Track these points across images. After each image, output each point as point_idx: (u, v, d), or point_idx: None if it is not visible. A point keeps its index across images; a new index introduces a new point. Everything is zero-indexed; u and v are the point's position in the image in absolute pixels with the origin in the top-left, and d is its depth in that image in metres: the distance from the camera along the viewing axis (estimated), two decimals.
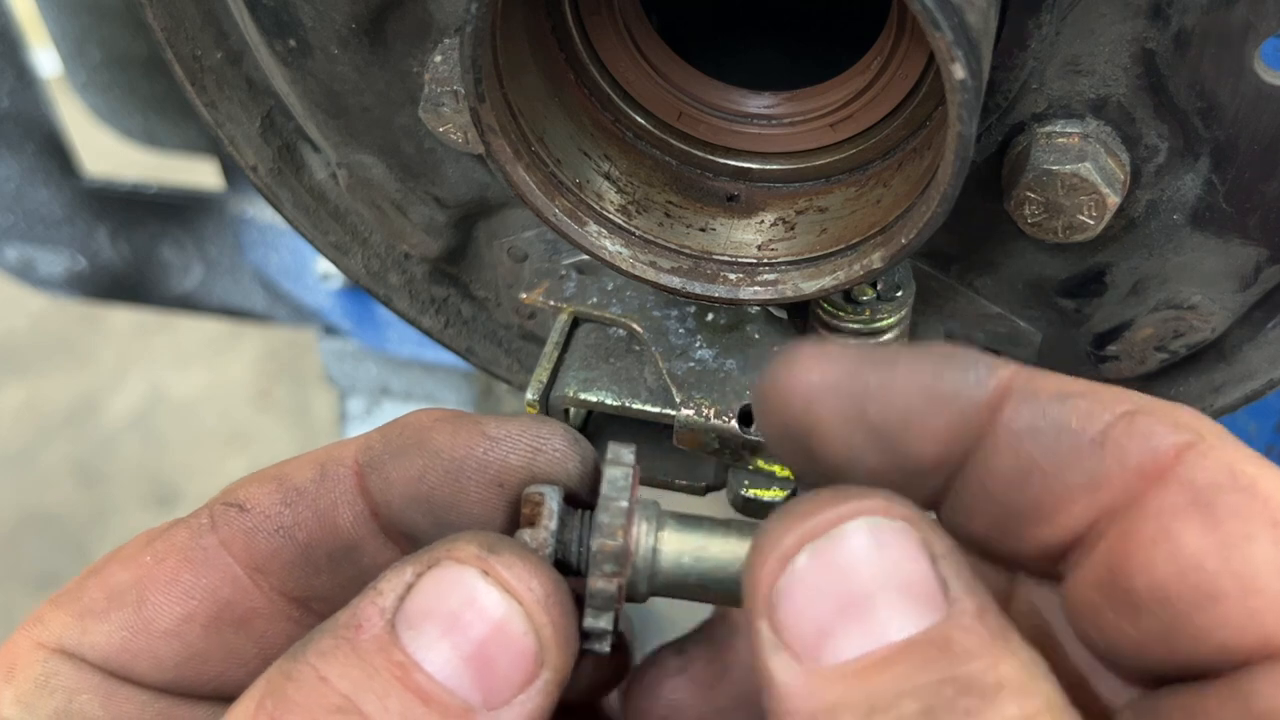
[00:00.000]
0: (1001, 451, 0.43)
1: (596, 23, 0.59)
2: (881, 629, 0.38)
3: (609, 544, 0.43)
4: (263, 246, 1.27)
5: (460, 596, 0.42)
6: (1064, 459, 0.42)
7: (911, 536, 0.39)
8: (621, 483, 0.44)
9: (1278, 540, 0.38)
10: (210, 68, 0.68)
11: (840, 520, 0.39)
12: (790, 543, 0.39)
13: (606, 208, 0.58)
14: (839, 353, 0.44)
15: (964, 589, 0.39)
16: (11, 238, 1.29)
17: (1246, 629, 0.38)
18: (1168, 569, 0.39)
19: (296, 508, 0.48)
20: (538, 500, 0.45)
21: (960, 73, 0.45)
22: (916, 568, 0.39)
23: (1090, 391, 0.43)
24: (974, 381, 0.43)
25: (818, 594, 0.39)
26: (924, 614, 0.38)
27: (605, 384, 0.62)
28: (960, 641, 0.37)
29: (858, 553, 0.39)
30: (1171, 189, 0.58)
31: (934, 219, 0.50)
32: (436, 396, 1.40)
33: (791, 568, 0.39)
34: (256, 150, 0.71)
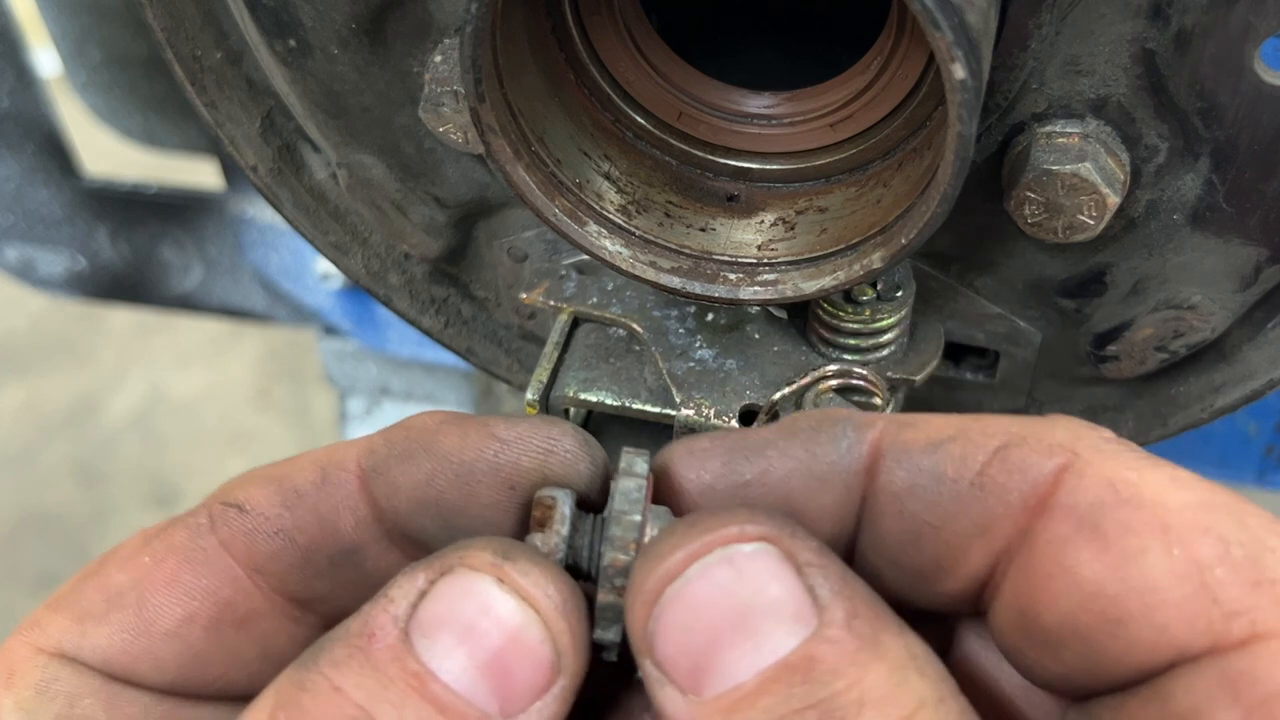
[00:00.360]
0: (888, 514, 0.43)
1: (596, 23, 0.59)
2: (754, 655, 0.38)
3: (620, 558, 0.43)
4: (263, 246, 1.27)
5: (476, 604, 0.42)
6: (948, 510, 0.41)
7: (771, 554, 0.39)
8: (635, 495, 0.43)
9: (1169, 545, 0.38)
10: (210, 68, 0.68)
11: (695, 557, 0.39)
12: (652, 586, 0.40)
13: (606, 208, 0.58)
14: (710, 448, 0.44)
15: (833, 595, 0.38)
16: (11, 238, 1.29)
17: (1158, 643, 0.38)
18: (1070, 601, 0.39)
19: (297, 511, 0.48)
20: (549, 504, 0.45)
21: (960, 73, 0.45)
22: (781, 585, 0.39)
23: (960, 433, 0.42)
24: (845, 449, 0.43)
25: (687, 630, 0.39)
26: (793, 631, 0.38)
27: (605, 384, 0.62)
28: (825, 658, 0.37)
29: (718, 585, 0.39)
30: (1171, 189, 0.58)
31: (934, 219, 0.50)
32: (436, 396, 1.40)
33: (657, 609, 0.39)
34: (256, 150, 0.71)
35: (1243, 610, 0.37)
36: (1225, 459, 1.12)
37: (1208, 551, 0.38)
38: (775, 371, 0.61)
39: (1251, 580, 0.37)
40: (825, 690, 0.36)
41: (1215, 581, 0.37)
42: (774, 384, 0.60)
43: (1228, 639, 0.37)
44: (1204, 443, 1.12)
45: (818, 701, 0.36)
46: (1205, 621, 0.37)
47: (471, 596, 0.42)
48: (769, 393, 0.60)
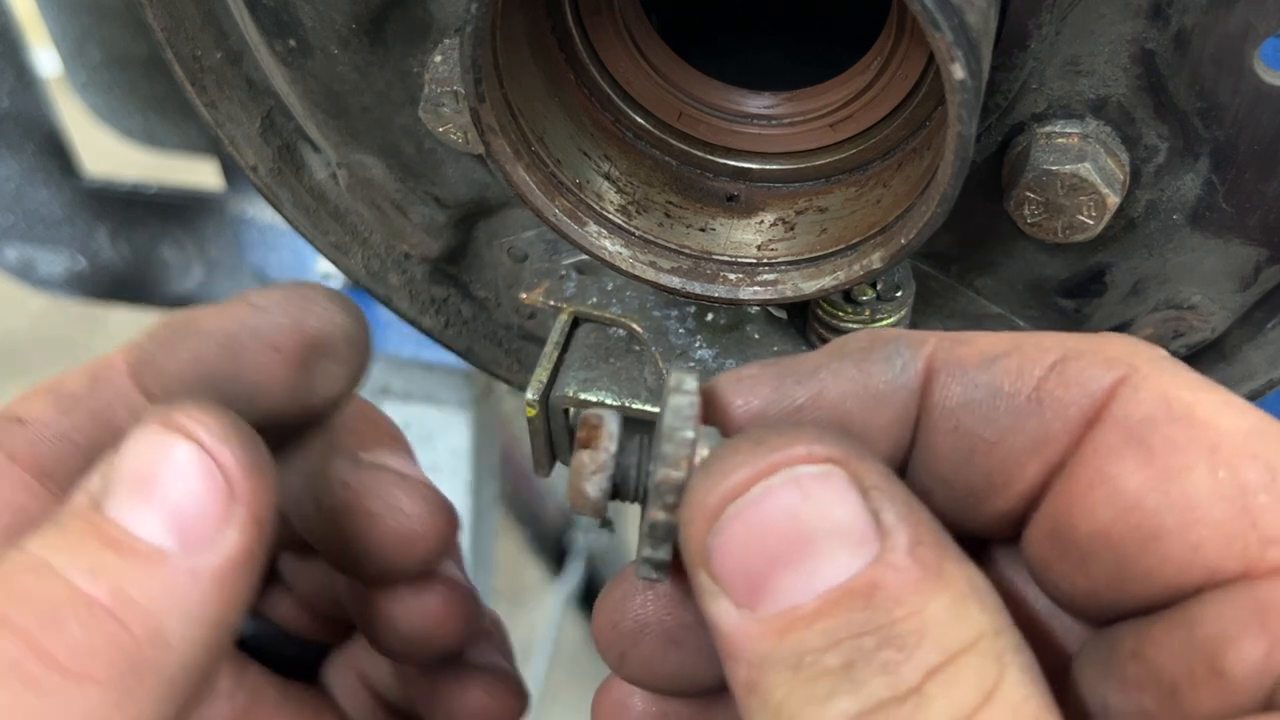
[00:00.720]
0: (942, 431, 0.42)
1: (596, 23, 0.59)
2: (812, 577, 0.37)
3: (673, 475, 0.41)
4: (263, 246, 1.27)
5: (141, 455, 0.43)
6: (1004, 425, 0.41)
7: (838, 477, 0.38)
8: (687, 411, 0.42)
9: (1215, 467, 0.37)
10: (210, 68, 0.68)
11: (760, 476, 0.38)
12: (714, 503, 0.39)
13: (606, 208, 0.58)
14: (759, 374, 0.44)
15: (897, 520, 0.38)
16: (11, 238, 1.29)
17: (1191, 563, 0.37)
18: (1108, 512, 0.38)
19: (73, 414, 0.49)
20: (595, 423, 0.44)
21: (960, 73, 0.45)
22: (847, 509, 0.38)
23: (1016, 347, 0.41)
24: (900, 368, 0.42)
25: (747, 549, 0.38)
26: (856, 555, 0.37)
27: (605, 384, 0.62)
28: (887, 585, 0.36)
29: (782, 507, 0.38)
30: (1171, 189, 0.58)
31: (934, 219, 0.50)
32: (436, 396, 1.40)
33: (719, 525, 0.39)
34: (256, 150, 0.71)
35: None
36: None
37: (1254, 477, 0.37)
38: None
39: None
40: (886, 616, 0.36)
41: (1257, 507, 0.37)
42: None
43: (1261, 565, 0.36)
44: None
45: (877, 627, 0.36)
46: (1241, 545, 0.37)
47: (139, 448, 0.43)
48: None
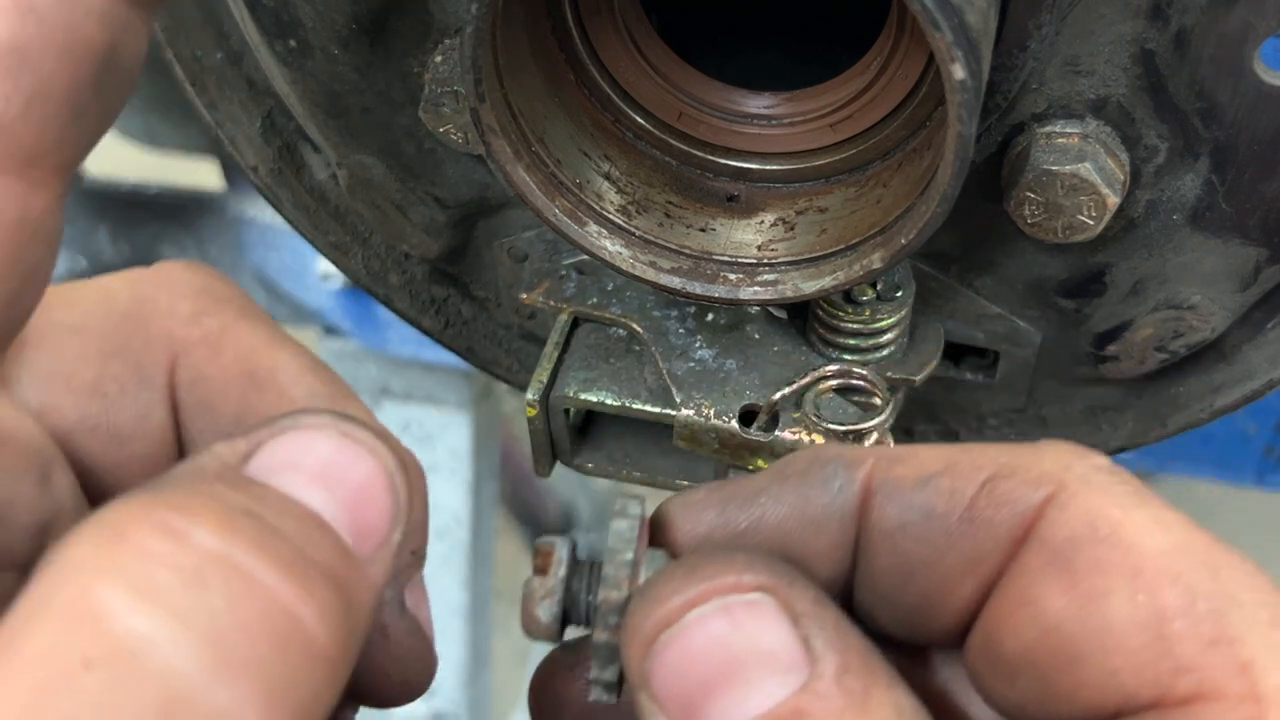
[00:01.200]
0: (881, 553, 0.42)
1: (596, 23, 0.59)
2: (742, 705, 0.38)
3: (613, 595, 0.43)
4: (263, 247, 1.27)
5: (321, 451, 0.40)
6: (939, 546, 0.41)
7: (768, 605, 0.39)
8: (627, 535, 0.44)
9: (1135, 591, 0.37)
10: (210, 68, 0.68)
11: (691, 605, 0.39)
12: (649, 629, 0.40)
13: (606, 208, 0.58)
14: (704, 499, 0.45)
15: (825, 646, 0.38)
16: None
17: (1108, 688, 0.37)
18: (1031, 632, 0.39)
19: None
20: (546, 550, 0.46)
21: (960, 73, 0.45)
22: (776, 636, 0.39)
23: (950, 467, 0.42)
24: (837, 490, 0.43)
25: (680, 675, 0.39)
26: (784, 683, 0.38)
27: (605, 384, 0.62)
28: (811, 713, 0.37)
29: (712, 634, 0.39)
30: (1171, 189, 0.58)
31: (934, 219, 0.50)
32: (436, 396, 1.40)
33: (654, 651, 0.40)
34: (257, 150, 0.71)
35: (1193, 667, 0.36)
36: (1224, 459, 1.12)
37: (1172, 601, 0.37)
38: (775, 371, 0.61)
39: (1209, 638, 0.37)
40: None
41: (1173, 634, 0.37)
42: (774, 384, 0.60)
43: (1173, 695, 0.37)
44: (1203, 443, 1.12)
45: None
46: (1154, 674, 0.37)
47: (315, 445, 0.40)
48: (769, 393, 0.60)
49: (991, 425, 0.73)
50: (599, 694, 0.45)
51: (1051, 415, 0.71)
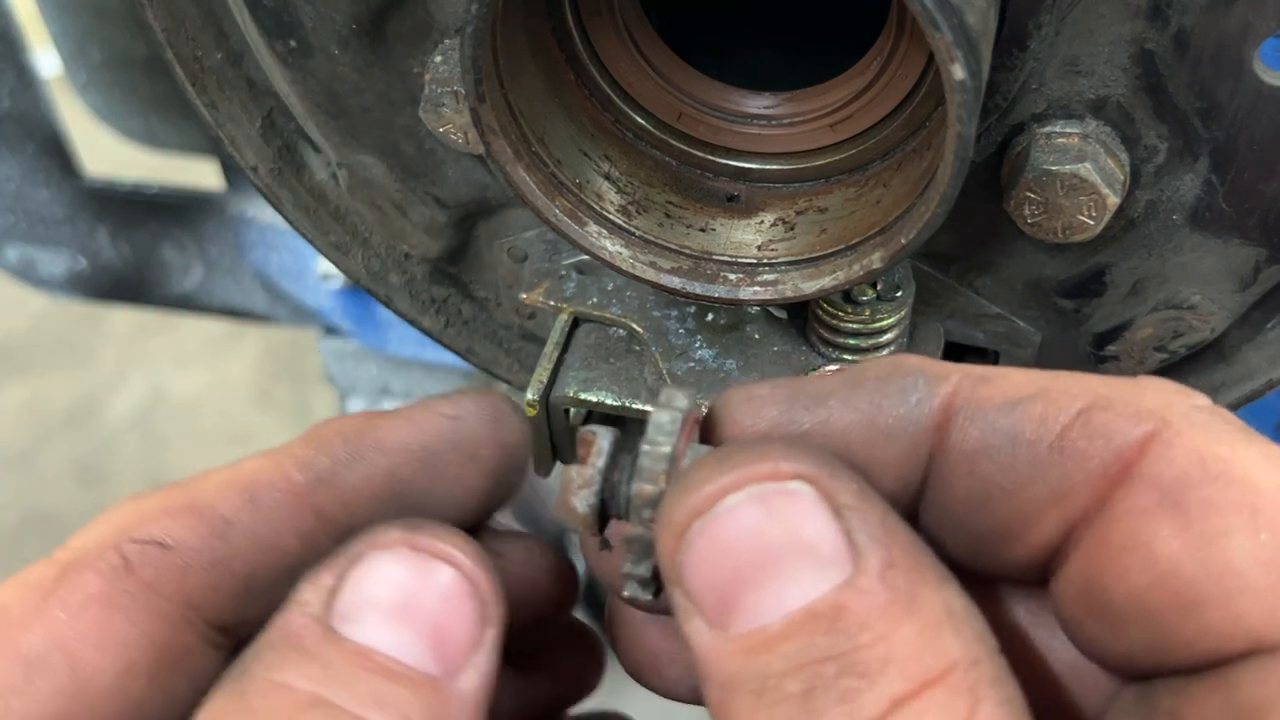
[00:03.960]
0: (958, 475, 0.40)
1: (596, 23, 0.59)
2: (779, 598, 0.36)
3: (647, 489, 0.41)
4: (263, 247, 1.27)
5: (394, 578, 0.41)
6: (1023, 474, 0.39)
7: (808, 495, 0.37)
8: (668, 427, 0.42)
9: (1257, 530, 0.36)
10: (211, 68, 0.68)
11: (725, 492, 0.37)
12: (680, 518, 0.38)
13: (606, 208, 0.58)
14: (768, 395, 0.43)
15: (870, 540, 0.36)
16: (12, 238, 1.29)
17: (1234, 632, 0.36)
18: (1143, 578, 0.37)
19: (229, 538, 0.45)
20: (589, 439, 0.44)
21: (960, 73, 0.45)
22: (816, 528, 0.37)
23: (1041, 392, 0.40)
24: (915, 403, 0.41)
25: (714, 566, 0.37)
26: (825, 577, 0.36)
27: (605, 384, 0.62)
28: (853, 609, 0.35)
29: (746, 524, 0.37)
30: (1171, 189, 0.58)
31: (934, 219, 0.50)
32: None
33: (686, 541, 0.38)
34: (257, 150, 0.71)
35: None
36: None
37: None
38: (775, 371, 0.61)
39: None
40: (849, 643, 0.35)
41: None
42: None
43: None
44: None
45: (839, 654, 0.35)
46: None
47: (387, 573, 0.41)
48: None
49: None
50: (634, 590, 0.42)
51: None
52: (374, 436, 0.48)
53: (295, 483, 0.47)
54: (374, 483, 0.47)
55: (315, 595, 0.41)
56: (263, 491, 0.46)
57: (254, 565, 0.46)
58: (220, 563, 0.45)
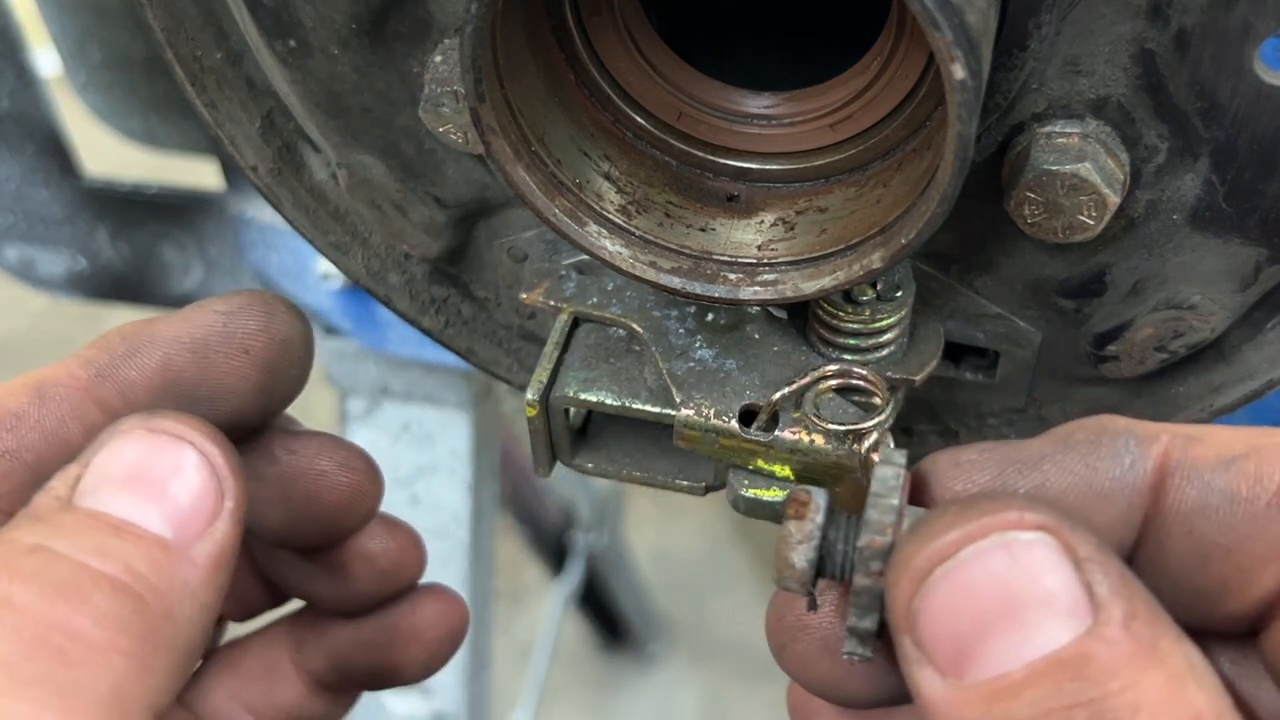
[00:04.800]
0: (1174, 535, 0.41)
1: (596, 23, 0.59)
2: (1021, 646, 0.36)
3: (877, 540, 0.41)
4: (263, 246, 1.27)
5: (131, 457, 0.44)
6: (1242, 532, 0.40)
7: (1049, 546, 0.37)
8: (892, 481, 0.42)
9: None
10: (210, 68, 0.68)
11: (970, 540, 0.38)
12: (921, 564, 0.38)
13: (606, 208, 0.58)
14: (979, 460, 0.43)
15: (1111, 593, 0.36)
16: (11, 238, 1.29)
17: None
18: None
19: (18, 432, 0.49)
20: (804, 499, 0.44)
21: (960, 73, 0.45)
22: (1057, 578, 0.37)
23: (1254, 450, 0.40)
24: (1129, 466, 0.41)
25: (953, 613, 0.37)
26: (1066, 627, 0.36)
27: (605, 384, 0.62)
28: (1100, 658, 0.35)
29: (991, 571, 0.37)
30: (1171, 189, 0.58)
31: (934, 219, 0.50)
32: (436, 396, 1.40)
33: (926, 588, 0.38)
34: (256, 150, 0.71)
35: None
36: None
37: None
38: (775, 371, 0.61)
39: None
40: (1097, 690, 0.35)
41: None
42: (774, 384, 0.60)
43: None
44: None
45: (1089, 700, 0.35)
46: None
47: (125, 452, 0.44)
48: (769, 393, 0.60)
49: (991, 425, 0.73)
50: (854, 646, 0.42)
51: (1051, 415, 0.71)
52: (149, 333, 0.52)
53: (79, 378, 0.51)
54: (149, 374, 0.51)
55: (61, 481, 0.44)
56: (49, 388, 0.50)
57: (42, 455, 0.49)
58: (9, 453, 0.49)
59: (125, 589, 0.41)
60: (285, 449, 0.59)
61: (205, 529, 0.44)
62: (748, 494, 0.60)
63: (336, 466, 0.59)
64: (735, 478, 0.61)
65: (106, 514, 0.43)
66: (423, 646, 0.64)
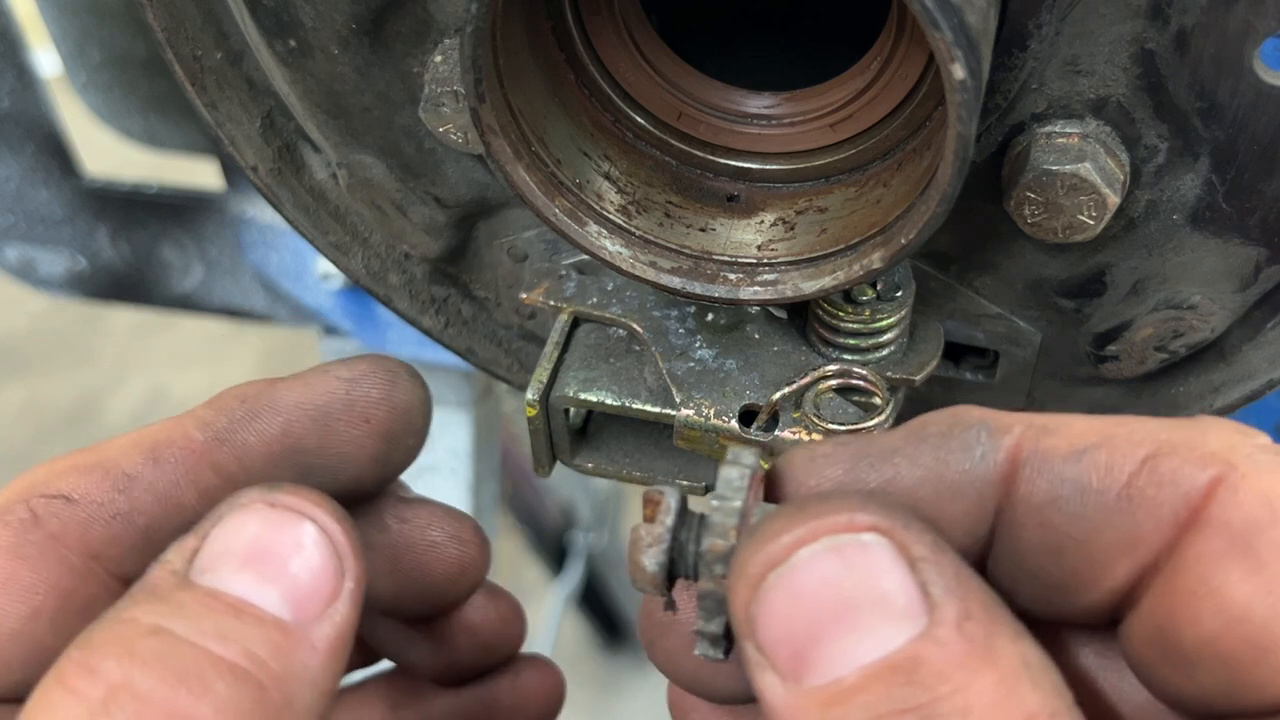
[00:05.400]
0: (1027, 526, 0.41)
1: (596, 23, 0.59)
2: (854, 650, 0.36)
3: (719, 544, 0.41)
4: (263, 246, 1.27)
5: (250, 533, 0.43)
6: (1092, 523, 0.40)
7: (882, 546, 0.37)
8: (737, 483, 0.42)
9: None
10: (210, 68, 0.68)
11: (801, 543, 0.38)
12: (756, 569, 0.38)
13: (606, 208, 0.58)
14: (832, 454, 0.43)
15: (945, 593, 0.37)
16: (12, 238, 1.29)
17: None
18: (1215, 622, 0.37)
19: (131, 493, 0.48)
20: (656, 499, 0.44)
21: (960, 73, 0.45)
22: (891, 580, 0.37)
23: (1106, 440, 0.40)
24: (980, 457, 0.41)
25: (789, 618, 0.37)
26: (900, 629, 0.36)
27: (605, 384, 0.62)
28: (931, 660, 0.35)
29: (823, 575, 0.37)
30: (1171, 189, 0.58)
31: (934, 219, 0.50)
32: (437, 396, 1.40)
33: (761, 593, 0.38)
34: (256, 150, 0.71)
35: None
36: None
37: None
38: (775, 371, 0.61)
39: None
40: (928, 694, 0.35)
41: None
42: (774, 384, 0.60)
43: None
44: None
45: (918, 705, 0.35)
46: None
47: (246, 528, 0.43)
48: (769, 393, 0.60)
49: None
50: (705, 648, 0.43)
51: None
52: (270, 398, 0.51)
53: (195, 441, 0.49)
54: (268, 441, 0.50)
55: (177, 554, 0.43)
56: (164, 450, 0.49)
57: (155, 519, 0.48)
58: (121, 516, 0.48)
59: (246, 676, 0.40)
60: (397, 518, 0.57)
61: (325, 610, 0.43)
62: None
63: (448, 538, 0.58)
64: None
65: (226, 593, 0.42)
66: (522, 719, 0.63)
